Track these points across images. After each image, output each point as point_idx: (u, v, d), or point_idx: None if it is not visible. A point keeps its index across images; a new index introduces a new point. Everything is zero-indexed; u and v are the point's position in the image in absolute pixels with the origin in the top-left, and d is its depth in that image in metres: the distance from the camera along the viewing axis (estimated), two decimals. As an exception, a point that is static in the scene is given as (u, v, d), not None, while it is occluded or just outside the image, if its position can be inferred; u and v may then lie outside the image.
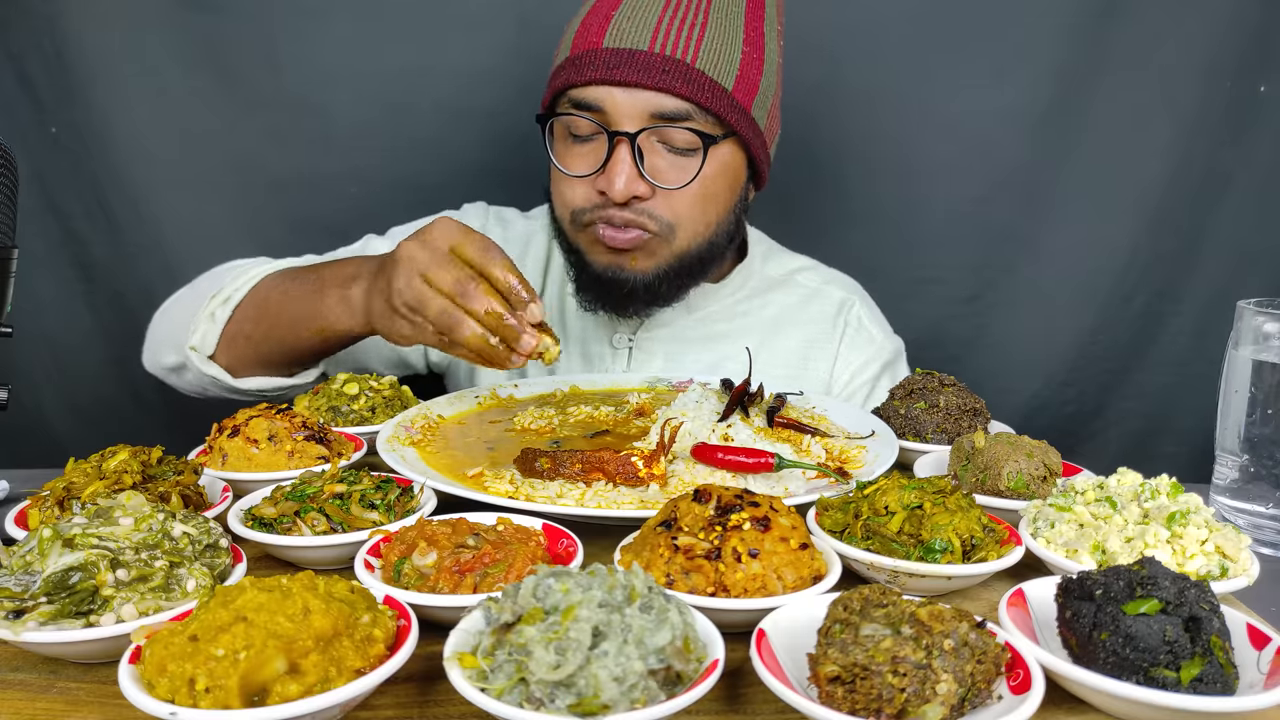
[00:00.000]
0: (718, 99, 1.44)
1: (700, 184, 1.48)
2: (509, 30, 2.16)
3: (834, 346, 1.75)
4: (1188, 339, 2.34)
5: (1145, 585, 0.73)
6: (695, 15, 1.44)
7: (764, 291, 1.77)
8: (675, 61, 1.41)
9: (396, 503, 1.02)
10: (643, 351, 1.71)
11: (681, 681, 0.67)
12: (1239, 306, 1.21)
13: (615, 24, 1.44)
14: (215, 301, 1.51)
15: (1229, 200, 2.26)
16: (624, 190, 1.43)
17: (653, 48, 1.41)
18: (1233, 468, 1.22)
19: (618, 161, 1.43)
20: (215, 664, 0.65)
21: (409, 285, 1.21)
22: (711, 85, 1.43)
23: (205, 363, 1.51)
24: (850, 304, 1.78)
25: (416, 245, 1.22)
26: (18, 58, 2.09)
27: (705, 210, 1.52)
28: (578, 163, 1.50)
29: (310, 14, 2.13)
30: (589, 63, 1.44)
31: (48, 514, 0.94)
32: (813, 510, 0.99)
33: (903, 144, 2.27)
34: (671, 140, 1.46)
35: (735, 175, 1.56)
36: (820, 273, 1.84)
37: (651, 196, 1.47)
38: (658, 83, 1.40)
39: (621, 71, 1.41)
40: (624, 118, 1.43)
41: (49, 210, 2.18)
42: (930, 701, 0.65)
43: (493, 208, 1.89)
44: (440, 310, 1.19)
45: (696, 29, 1.43)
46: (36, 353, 2.25)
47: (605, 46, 1.43)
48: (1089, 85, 2.19)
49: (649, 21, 1.43)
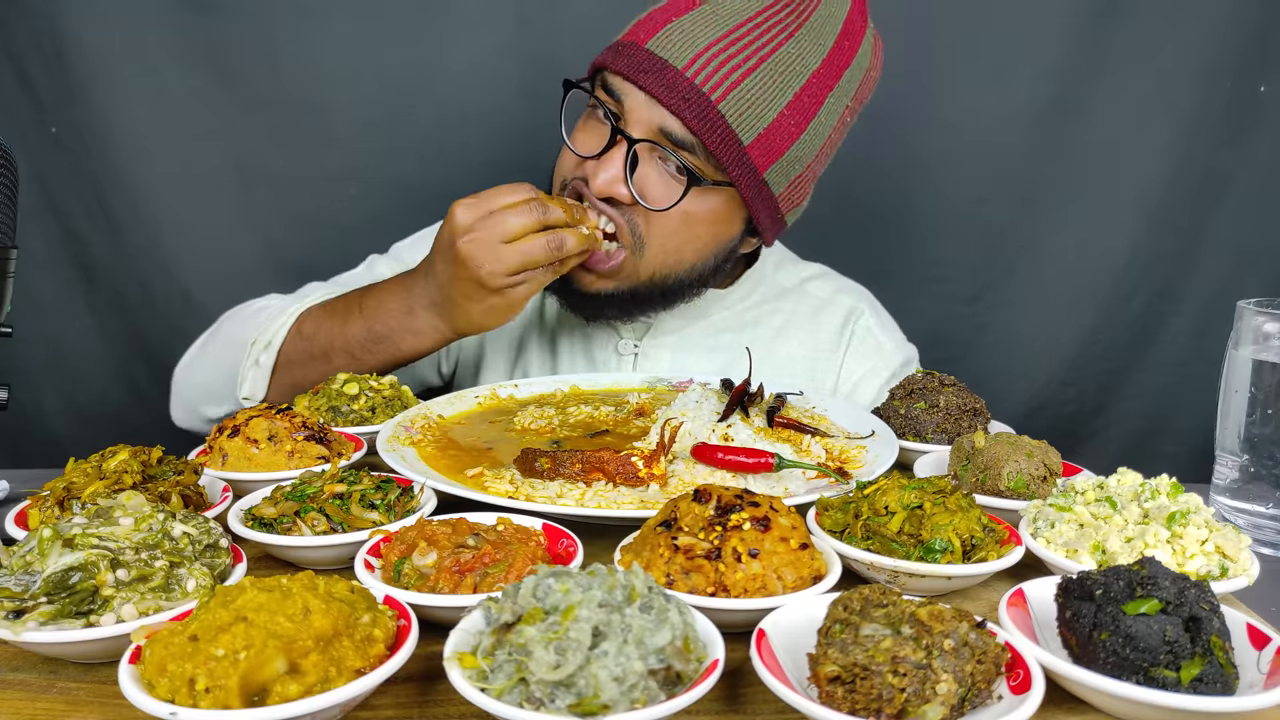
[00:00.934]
0: (726, 148, 1.39)
1: (680, 217, 1.46)
2: (509, 31, 2.16)
3: (839, 355, 1.74)
4: (1188, 339, 2.34)
5: (1145, 585, 0.73)
6: (746, 59, 1.38)
7: (773, 299, 1.76)
8: (699, 92, 1.37)
9: (396, 503, 1.02)
10: (648, 358, 1.71)
11: (681, 681, 0.67)
12: (1239, 306, 1.21)
13: (668, 30, 1.40)
14: (257, 349, 1.52)
15: (1229, 200, 2.26)
16: (603, 187, 1.43)
17: (686, 69, 1.37)
18: (1233, 468, 1.22)
19: (610, 158, 1.43)
20: (215, 664, 0.65)
21: (499, 258, 1.31)
22: (725, 132, 1.38)
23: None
24: (859, 313, 1.76)
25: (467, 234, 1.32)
26: (18, 58, 2.09)
27: (680, 243, 1.49)
28: (584, 138, 1.49)
29: (310, 14, 2.13)
30: (628, 54, 1.42)
31: (48, 514, 0.94)
32: (813, 510, 0.99)
33: (903, 144, 2.27)
34: (668, 160, 1.44)
35: (723, 224, 1.52)
36: (831, 281, 1.82)
37: (630, 206, 1.45)
38: (673, 105, 1.38)
39: (647, 78, 1.39)
40: (635, 121, 1.42)
41: (49, 210, 2.18)
42: (930, 701, 0.65)
43: None
44: (544, 245, 1.31)
45: (738, 72, 1.37)
46: (36, 353, 2.25)
47: (647, 47, 1.41)
48: (1089, 85, 2.19)
49: (697, 44, 1.38)
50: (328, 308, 1.53)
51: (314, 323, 1.52)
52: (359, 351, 1.47)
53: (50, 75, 2.10)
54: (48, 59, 2.09)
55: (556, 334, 1.76)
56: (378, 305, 1.46)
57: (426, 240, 1.80)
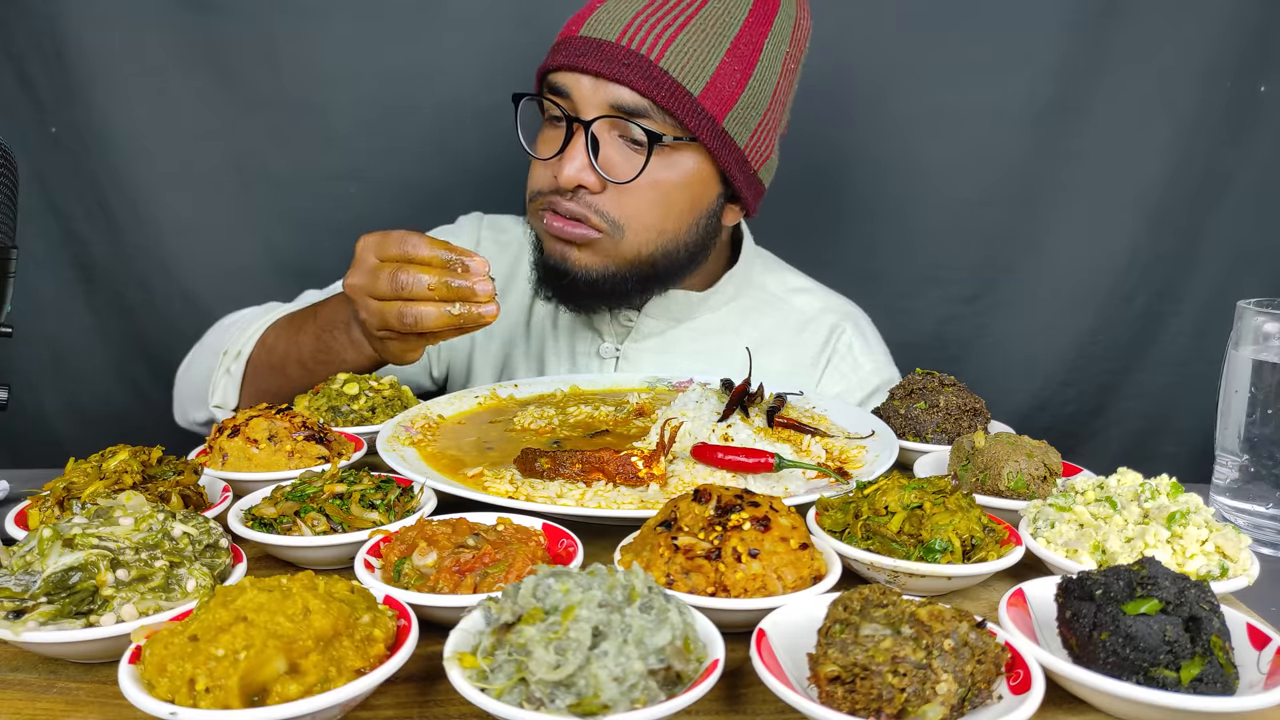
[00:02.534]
0: (678, 101, 1.42)
1: (653, 187, 1.46)
2: (508, 30, 2.16)
3: (817, 372, 1.73)
4: (1188, 339, 2.34)
5: (1145, 585, 0.73)
6: (675, 17, 1.43)
7: (758, 306, 1.75)
8: (638, 56, 1.40)
9: (396, 503, 1.02)
10: (629, 362, 1.70)
11: (681, 681, 0.67)
12: (1239, 306, 1.21)
13: (596, 15, 1.45)
14: (228, 359, 1.54)
15: (1229, 200, 2.26)
16: (572, 176, 1.43)
17: (619, 39, 1.41)
18: (1233, 468, 1.22)
19: (571, 150, 1.44)
20: (215, 664, 0.65)
21: (366, 310, 1.25)
22: (672, 86, 1.41)
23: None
24: (840, 331, 1.75)
25: (351, 273, 1.26)
26: (18, 58, 2.09)
27: (659, 216, 1.49)
28: (543, 146, 1.52)
29: (310, 14, 2.13)
30: (563, 48, 1.46)
31: (48, 514, 0.94)
32: (813, 510, 0.99)
33: (903, 144, 2.27)
34: (629, 135, 1.45)
35: (699, 187, 1.52)
36: (819, 297, 1.80)
37: (601, 191, 1.46)
38: (617, 74, 1.40)
39: (586, 60, 1.42)
40: (586, 106, 1.44)
41: (49, 210, 2.18)
42: (930, 701, 0.65)
43: (487, 216, 1.90)
44: (398, 314, 1.20)
45: (671, 29, 1.42)
46: (36, 353, 2.25)
47: (580, 35, 1.45)
48: (1089, 85, 2.19)
49: (624, 15, 1.43)
50: (290, 319, 1.53)
51: (274, 334, 1.53)
52: (310, 362, 1.46)
53: (50, 75, 2.10)
54: (48, 59, 2.09)
55: (543, 339, 1.77)
56: (331, 315, 1.44)
57: None
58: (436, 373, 1.87)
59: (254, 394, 1.53)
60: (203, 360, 1.62)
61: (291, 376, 1.48)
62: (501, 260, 1.80)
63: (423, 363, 1.82)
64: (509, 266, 1.79)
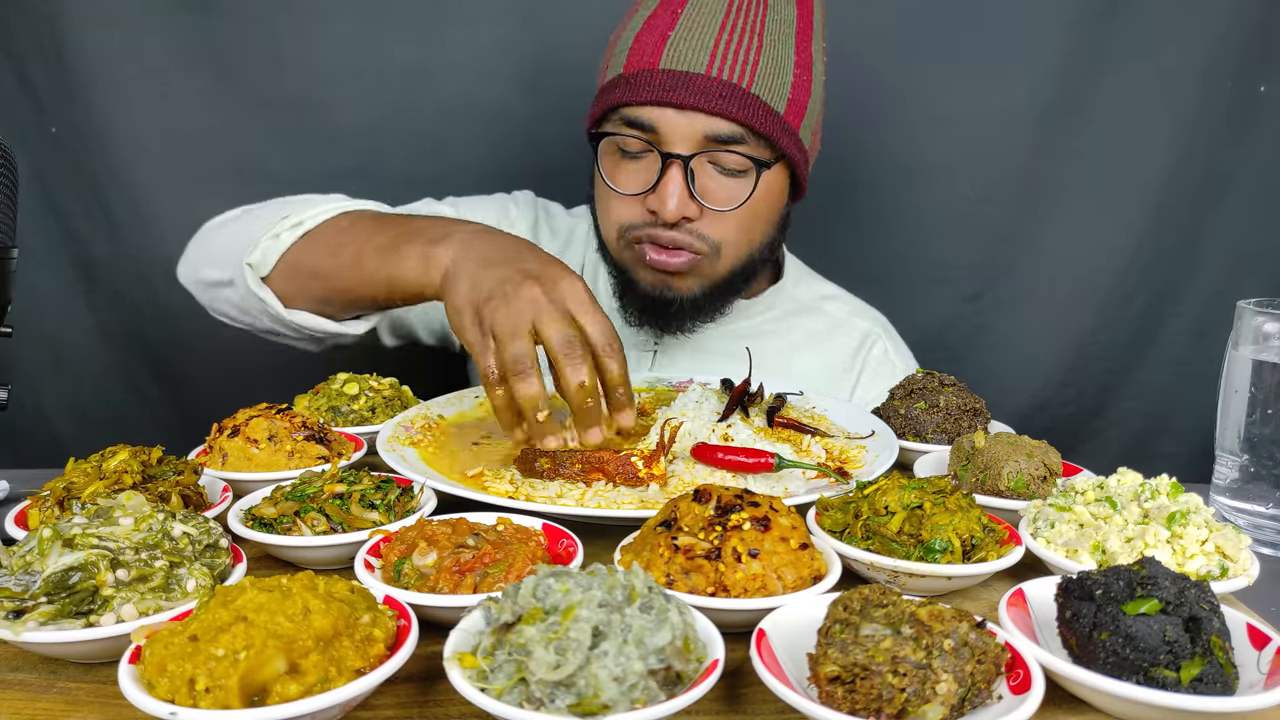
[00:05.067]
0: (771, 124, 1.43)
1: (747, 207, 1.48)
2: (511, 28, 2.16)
3: (853, 376, 1.75)
4: (1188, 339, 2.34)
5: (1145, 585, 0.73)
6: (750, 38, 1.43)
7: (791, 314, 1.78)
8: (731, 86, 1.40)
9: (396, 503, 1.02)
10: (667, 355, 1.72)
11: (681, 681, 0.67)
12: (1239, 306, 1.21)
13: (672, 45, 1.42)
14: (285, 224, 1.43)
15: (1229, 200, 2.26)
16: (676, 211, 1.43)
17: (709, 71, 1.40)
18: (1233, 468, 1.22)
19: (670, 182, 1.43)
20: (215, 664, 0.65)
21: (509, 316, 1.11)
22: (765, 110, 1.42)
23: (258, 284, 1.43)
24: (874, 338, 1.78)
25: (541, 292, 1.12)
26: (18, 58, 2.09)
27: (751, 230, 1.53)
28: (628, 180, 1.49)
29: (311, 13, 2.13)
30: (645, 83, 1.42)
31: (48, 514, 0.94)
32: (813, 510, 0.99)
33: (903, 144, 2.27)
34: (723, 162, 1.45)
35: (779, 195, 1.56)
36: (847, 303, 1.85)
37: (700, 217, 1.47)
38: (714, 107, 1.39)
39: (678, 94, 1.39)
40: (678, 139, 1.42)
41: (49, 210, 2.18)
42: (930, 701, 0.65)
43: (541, 200, 1.90)
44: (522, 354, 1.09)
45: (752, 52, 1.42)
46: (36, 353, 2.25)
47: (662, 68, 1.41)
48: (1089, 85, 2.19)
49: (705, 43, 1.41)
50: (375, 214, 1.44)
51: (351, 218, 1.43)
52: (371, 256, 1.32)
53: (50, 75, 2.10)
54: (48, 59, 2.09)
55: None
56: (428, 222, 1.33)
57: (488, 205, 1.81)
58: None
59: (291, 267, 1.42)
60: (249, 222, 1.50)
61: (343, 262, 1.35)
62: (549, 247, 1.81)
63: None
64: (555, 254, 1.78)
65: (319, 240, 1.41)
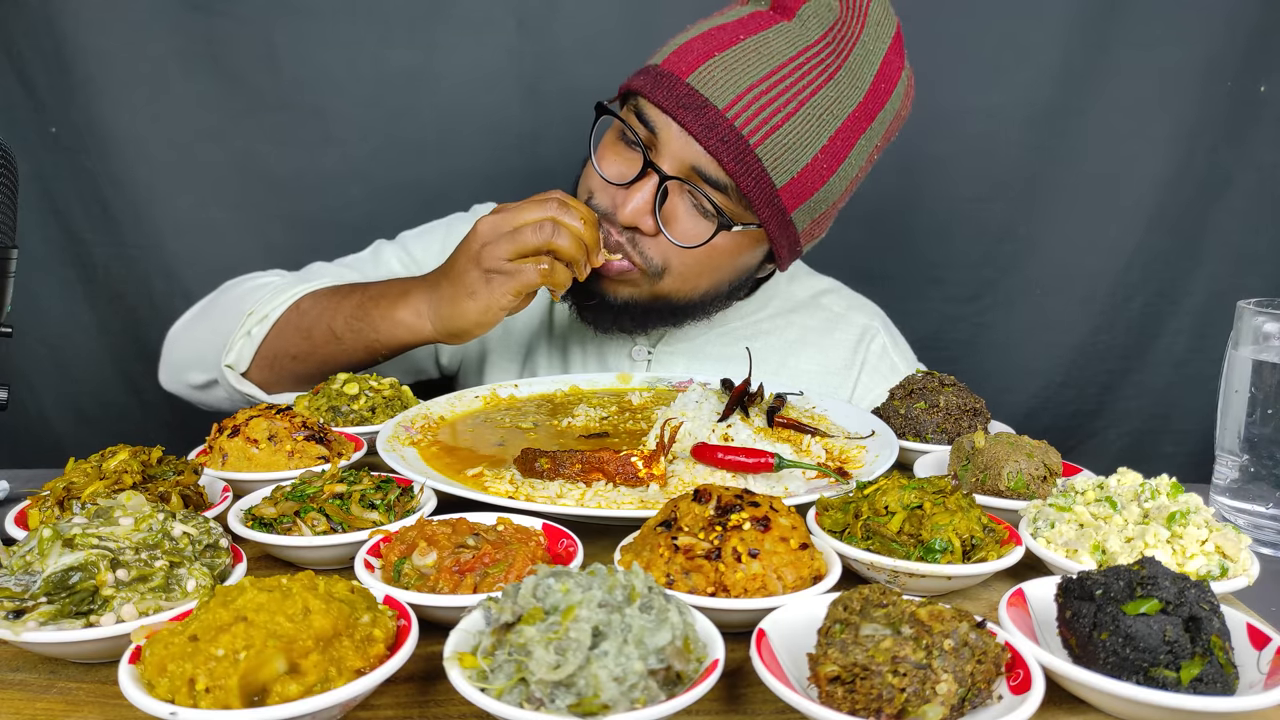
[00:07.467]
0: (759, 191, 1.39)
1: (705, 251, 1.45)
2: (509, 32, 2.16)
3: (854, 373, 1.74)
4: (1188, 339, 2.34)
5: (1145, 585, 0.73)
6: (787, 102, 1.36)
7: (787, 312, 1.77)
8: (737, 135, 1.35)
9: (396, 503, 1.02)
10: (661, 364, 1.71)
11: (681, 681, 0.67)
12: (1239, 306, 1.21)
13: (709, 66, 1.37)
14: (251, 320, 1.53)
15: (1229, 200, 2.26)
16: (630, 217, 1.42)
17: (726, 110, 1.35)
18: (1233, 468, 1.22)
19: (639, 189, 1.42)
20: (215, 664, 0.65)
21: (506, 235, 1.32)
22: (760, 177, 1.38)
23: (240, 380, 1.53)
24: (873, 333, 1.76)
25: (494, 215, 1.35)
26: (18, 58, 2.09)
27: (700, 275, 1.50)
28: (612, 164, 1.48)
29: (311, 16, 2.13)
30: (667, 86, 1.39)
31: (48, 514, 0.94)
32: (813, 510, 0.99)
33: (903, 144, 2.26)
34: (698, 199, 1.42)
35: (745, 257, 1.53)
36: (844, 297, 1.83)
37: (652, 235, 1.45)
38: (711, 146, 1.36)
39: (687, 115, 1.37)
40: (668, 155, 1.40)
41: (49, 210, 2.18)
42: (930, 701, 0.65)
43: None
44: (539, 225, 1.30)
45: (779, 116, 1.36)
46: (36, 353, 2.25)
47: (688, 82, 1.38)
48: (1089, 85, 2.19)
49: (738, 83, 1.36)
50: (334, 288, 1.53)
51: (311, 299, 1.53)
52: (341, 329, 1.46)
53: (50, 75, 2.10)
54: (48, 59, 2.09)
55: (567, 339, 1.77)
56: (381, 289, 1.46)
57: (434, 232, 1.80)
58: (445, 359, 1.84)
59: (268, 359, 1.52)
60: (214, 321, 1.60)
61: (316, 342, 1.48)
62: None
63: (429, 350, 1.81)
64: None
65: (287, 328, 1.52)
